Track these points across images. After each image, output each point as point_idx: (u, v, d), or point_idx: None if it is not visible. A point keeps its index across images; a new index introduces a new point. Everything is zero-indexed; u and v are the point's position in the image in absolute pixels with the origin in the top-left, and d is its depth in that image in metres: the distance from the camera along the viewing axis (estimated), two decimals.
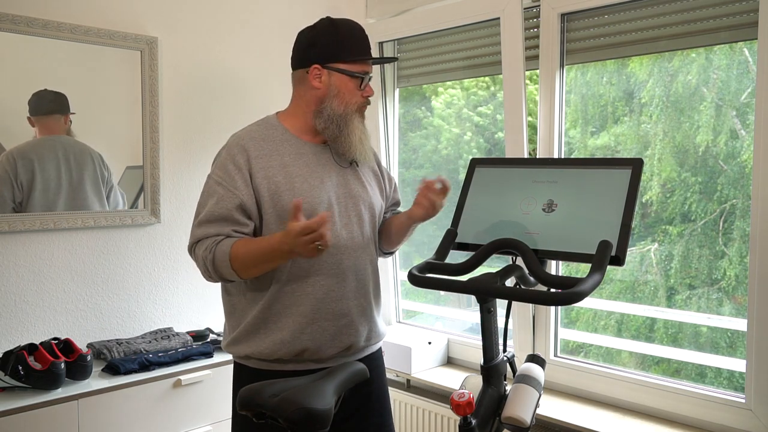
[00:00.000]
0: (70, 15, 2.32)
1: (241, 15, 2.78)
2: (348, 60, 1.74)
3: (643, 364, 2.29)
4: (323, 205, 1.70)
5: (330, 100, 1.74)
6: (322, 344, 1.69)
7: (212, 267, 1.64)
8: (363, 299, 1.76)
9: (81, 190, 2.36)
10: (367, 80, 1.77)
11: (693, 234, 2.17)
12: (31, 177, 2.24)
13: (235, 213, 1.66)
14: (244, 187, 1.66)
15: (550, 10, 2.31)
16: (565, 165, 1.69)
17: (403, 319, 3.07)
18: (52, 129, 2.31)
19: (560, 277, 1.59)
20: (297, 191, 1.68)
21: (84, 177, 2.36)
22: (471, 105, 2.86)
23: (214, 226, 1.66)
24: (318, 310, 1.68)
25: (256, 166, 1.68)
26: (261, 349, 1.68)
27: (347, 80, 1.74)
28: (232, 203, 1.66)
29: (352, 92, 1.75)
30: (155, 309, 2.58)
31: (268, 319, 1.69)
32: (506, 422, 1.52)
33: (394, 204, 2.01)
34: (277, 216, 1.68)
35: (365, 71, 1.76)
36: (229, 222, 1.66)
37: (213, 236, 1.65)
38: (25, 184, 2.23)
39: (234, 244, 1.63)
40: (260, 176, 1.67)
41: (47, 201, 2.28)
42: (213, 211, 1.66)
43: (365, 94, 1.77)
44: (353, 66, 1.74)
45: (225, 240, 1.65)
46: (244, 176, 1.67)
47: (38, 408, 1.93)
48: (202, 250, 1.65)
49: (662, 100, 2.19)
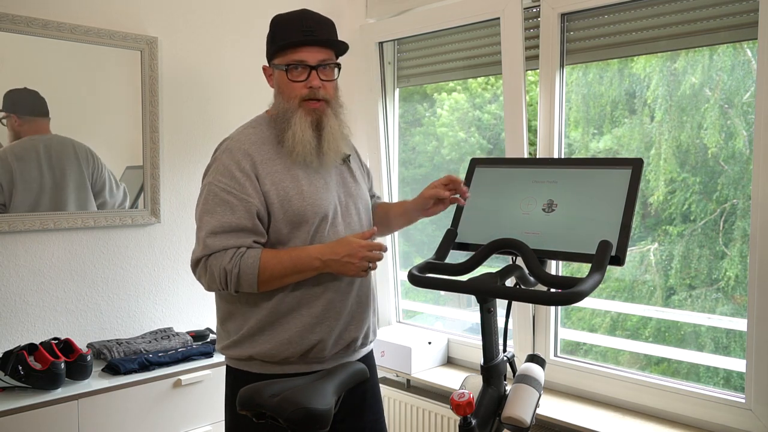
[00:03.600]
0: (70, 15, 2.32)
1: (241, 15, 2.77)
2: (279, 53, 1.69)
3: (639, 362, 2.29)
4: (331, 206, 1.69)
5: (277, 98, 1.73)
6: (327, 343, 1.68)
7: (235, 279, 1.58)
8: (364, 297, 1.76)
9: (64, 188, 2.32)
10: (299, 69, 1.65)
11: (693, 234, 2.17)
12: (10, 178, 2.21)
13: (253, 222, 1.61)
14: (255, 193, 1.62)
15: (550, 10, 2.31)
16: (565, 165, 1.69)
17: (403, 319, 3.07)
18: (39, 129, 2.29)
19: (560, 277, 1.59)
20: (306, 195, 1.66)
21: (66, 175, 2.32)
22: (477, 105, 2.86)
23: (232, 237, 1.60)
24: (328, 309, 1.68)
25: (263, 171, 1.64)
26: (266, 349, 1.65)
27: (282, 74, 1.69)
28: (249, 211, 1.61)
29: (289, 85, 1.67)
30: (155, 309, 2.58)
31: (275, 321, 1.66)
32: (506, 422, 1.52)
33: (371, 194, 1.98)
34: (288, 222, 1.64)
35: (294, 60, 1.65)
36: (247, 232, 1.61)
37: (234, 247, 1.60)
38: (5, 186, 2.21)
39: (262, 256, 1.59)
40: (268, 182, 1.63)
41: (30, 201, 2.25)
42: (227, 221, 1.60)
43: (307, 85, 1.66)
44: (283, 58, 1.68)
45: (249, 251, 1.60)
46: (253, 182, 1.62)
47: (38, 408, 1.93)
48: (225, 261, 1.58)
49: (666, 101, 2.19)
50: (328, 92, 1.70)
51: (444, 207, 1.80)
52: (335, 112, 1.72)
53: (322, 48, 1.68)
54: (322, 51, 1.68)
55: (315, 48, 1.67)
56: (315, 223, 1.66)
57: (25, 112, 2.25)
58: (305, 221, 1.65)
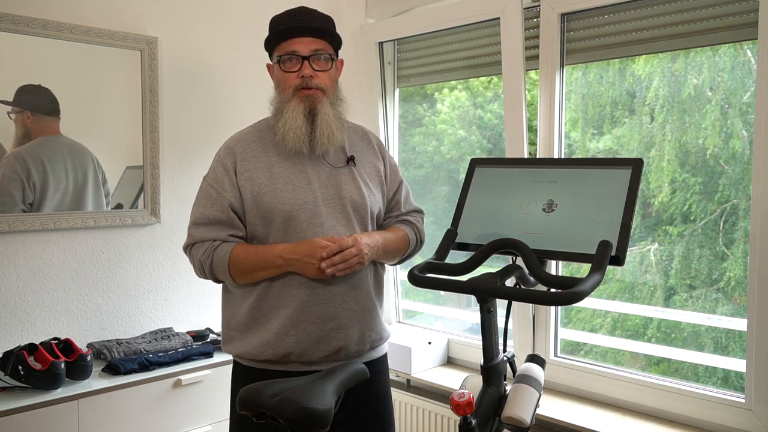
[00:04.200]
0: (70, 15, 2.32)
1: (241, 15, 2.77)
2: (275, 46, 1.74)
3: (639, 362, 2.29)
4: (307, 205, 1.69)
5: (275, 92, 1.77)
6: (307, 348, 1.67)
7: (209, 270, 1.69)
8: (354, 303, 1.71)
9: (85, 191, 2.36)
10: (293, 60, 1.69)
11: (693, 234, 2.17)
12: (44, 178, 2.25)
13: (228, 215, 1.68)
14: (231, 188, 1.69)
15: (550, 10, 2.31)
16: (565, 165, 1.69)
17: (403, 319, 3.07)
18: (51, 129, 2.30)
19: (560, 277, 1.58)
20: (279, 192, 1.68)
21: (87, 178, 2.37)
22: (478, 103, 2.86)
23: (209, 229, 1.68)
24: (302, 312, 1.66)
25: (241, 168, 1.70)
26: (249, 349, 1.69)
27: (277, 68, 1.74)
28: (223, 205, 1.68)
29: (285, 77, 1.72)
30: (155, 309, 2.58)
31: (257, 318, 1.69)
32: (506, 422, 1.52)
33: (394, 209, 1.88)
34: (261, 218, 1.69)
35: (287, 51, 1.69)
36: (223, 225, 1.68)
37: (210, 240, 1.68)
38: (38, 185, 2.23)
39: (233, 250, 1.66)
40: (244, 178, 1.69)
41: (58, 202, 2.29)
42: (207, 213, 1.69)
43: (300, 74, 1.68)
44: (277, 52, 1.73)
45: (223, 245, 1.67)
46: (231, 178, 1.69)
47: (38, 408, 1.93)
48: (200, 252, 1.68)
49: (668, 101, 2.19)
50: (322, 81, 1.71)
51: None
52: (332, 101, 1.73)
53: (315, 38, 1.70)
54: (315, 41, 1.70)
55: (307, 38, 1.69)
56: (285, 220, 1.67)
57: (38, 110, 2.25)
58: (275, 218, 1.68)
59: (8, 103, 2.18)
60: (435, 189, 3.02)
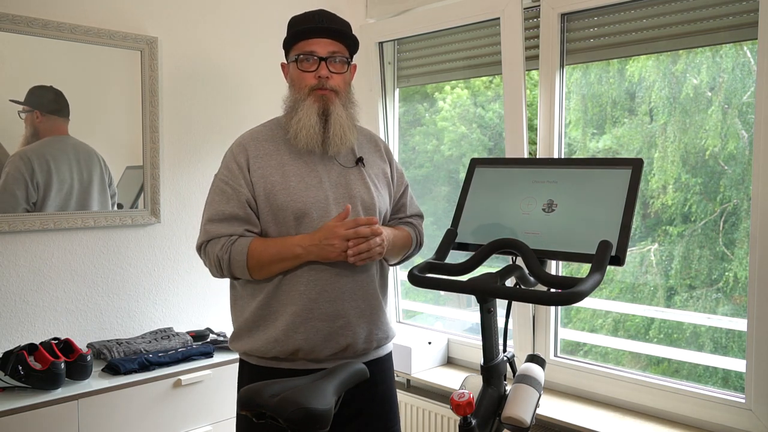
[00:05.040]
0: (70, 15, 2.32)
1: (242, 15, 2.77)
2: (292, 48, 1.75)
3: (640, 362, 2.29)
4: (319, 204, 1.70)
5: (290, 91, 1.77)
6: (316, 345, 1.68)
7: (227, 266, 1.67)
8: (362, 301, 1.73)
9: (90, 191, 2.36)
10: (310, 60, 1.70)
11: (693, 235, 2.17)
12: (48, 178, 2.25)
13: (245, 211, 1.69)
14: (245, 184, 1.70)
15: (550, 10, 2.31)
16: (565, 165, 1.69)
17: (403, 319, 3.07)
18: (60, 129, 2.31)
19: (560, 277, 1.58)
20: (291, 190, 1.69)
21: (93, 178, 2.37)
22: (480, 102, 2.86)
23: (225, 225, 1.68)
24: (311, 310, 1.67)
25: (254, 165, 1.71)
26: (257, 346, 1.69)
27: (294, 67, 1.75)
28: (240, 201, 1.69)
29: (301, 77, 1.73)
30: (155, 309, 2.58)
31: (266, 316, 1.70)
32: (506, 422, 1.52)
33: (399, 211, 1.92)
34: (273, 215, 1.70)
35: (305, 51, 1.71)
36: (240, 221, 1.69)
37: (227, 235, 1.68)
38: (41, 185, 2.23)
39: (251, 243, 1.66)
40: (257, 175, 1.70)
41: (61, 202, 2.29)
42: (223, 209, 1.69)
43: (317, 75, 1.70)
44: (295, 51, 1.74)
45: (240, 239, 1.67)
46: (245, 174, 1.70)
47: (38, 408, 1.93)
48: (217, 248, 1.67)
49: (669, 102, 2.19)
50: (337, 84, 1.73)
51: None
52: (344, 104, 1.75)
53: (333, 41, 1.73)
54: (333, 43, 1.73)
55: (325, 40, 1.72)
56: (297, 218, 1.68)
57: (48, 110, 2.26)
58: (287, 215, 1.69)
59: (19, 103, 2.19)
60: (435, 189, 3.02)
